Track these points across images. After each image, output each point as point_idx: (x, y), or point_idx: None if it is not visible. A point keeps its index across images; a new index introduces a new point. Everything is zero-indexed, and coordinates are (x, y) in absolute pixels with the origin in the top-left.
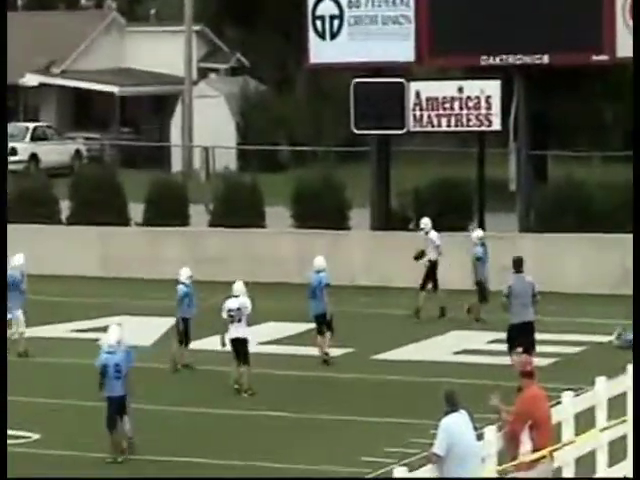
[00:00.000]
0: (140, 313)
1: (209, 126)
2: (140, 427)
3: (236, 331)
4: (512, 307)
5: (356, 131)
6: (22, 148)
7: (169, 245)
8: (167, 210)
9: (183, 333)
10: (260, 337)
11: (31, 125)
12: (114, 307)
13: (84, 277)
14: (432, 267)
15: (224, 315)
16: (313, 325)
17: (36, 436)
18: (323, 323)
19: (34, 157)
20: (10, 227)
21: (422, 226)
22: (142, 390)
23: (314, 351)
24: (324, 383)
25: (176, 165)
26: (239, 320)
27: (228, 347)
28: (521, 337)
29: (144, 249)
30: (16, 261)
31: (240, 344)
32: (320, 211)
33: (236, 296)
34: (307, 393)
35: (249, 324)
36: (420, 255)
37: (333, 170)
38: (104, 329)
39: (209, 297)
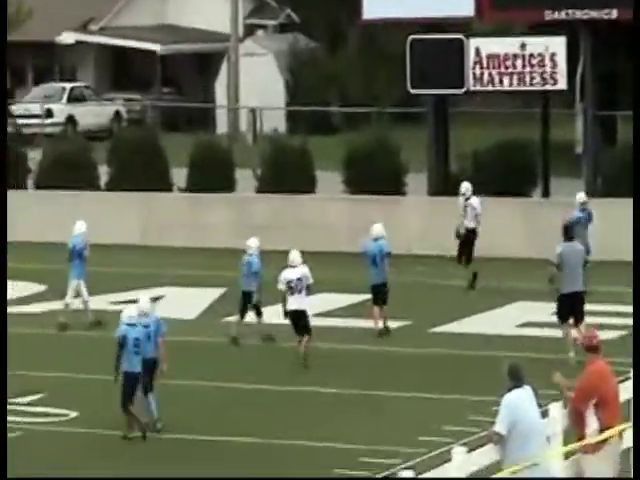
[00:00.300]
0: (183, 284)
1: (256, 86)
2: (180, 402)
3: (296, 302)
4: (562, 276)
5: (412, 91)
6: (58, 110)
7: (214, 212)
8: (212, 175)
9: (251, 306)
10: (311, 309)
11: (68, 85)
12: (156, 277)
13: (124, 246)
14: (468, 236)
15: (282, 287)
16: (365, 296)
17: (73, 414)
18: (380, 294)
19: (71, 119)
20: (45, 193)
21: (463, 191)
22: (184, 364)
23: (368, 323)
24: (378, 357)
25: (221, 127)
26: (300, 291)
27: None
28: (571, 307)
29: (187, 216)
30: (78, 228)
31: (299, 316)
32: (374, 176)
33: (294, 266)
34: (360, 368)
35: (309, 295)
36: (458, 235)
37: (388, 132)
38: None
39: None
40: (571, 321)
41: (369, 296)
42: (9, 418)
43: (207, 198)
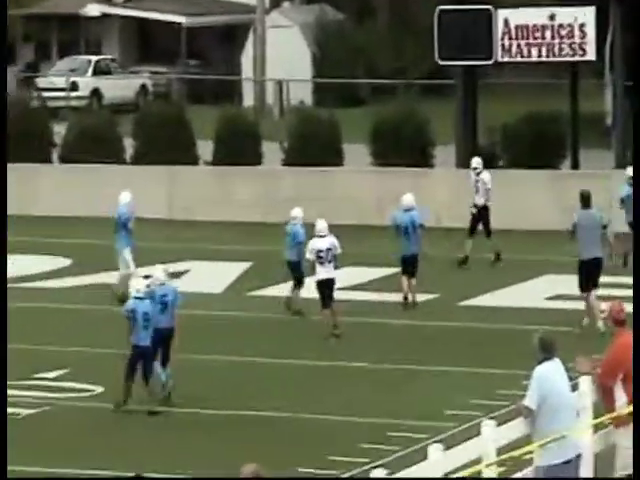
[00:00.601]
0: (210, 258)
1: (282, 58)
2: (205, 377)
3: (326, 272)
4: (581, 243)
5: (440, 62)
6: (84, 83)
7: (240, 185)
8: (238, 148)
9: (299, 277)
10: (338, 282)
11: (93, 58)
12: (182, 251)
13: (150, 220)
14: (480, 213)
15: (310, 256)
16: (394, 270)
17: (99, 389)
18: (410, 265)
19: (96, 92)
20: (71, 167)
21: (474, 165)
22: (209, 338)
23: (397, 297)
24: (406, 331)
25: (247, 100)
26: (329, 261)
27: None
28: (588, 274)
29: (214, 189)
30: (123, 199)
31: (328, 286)
32: (402, 148)
33: (322, 236)
34: (388, 342)
35: (337, 266)
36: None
37: (416, 104)
38: (172, 275)
39: (282, 240)
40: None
41: (398, 269)
42: (35, 393)
43: (233, 171)
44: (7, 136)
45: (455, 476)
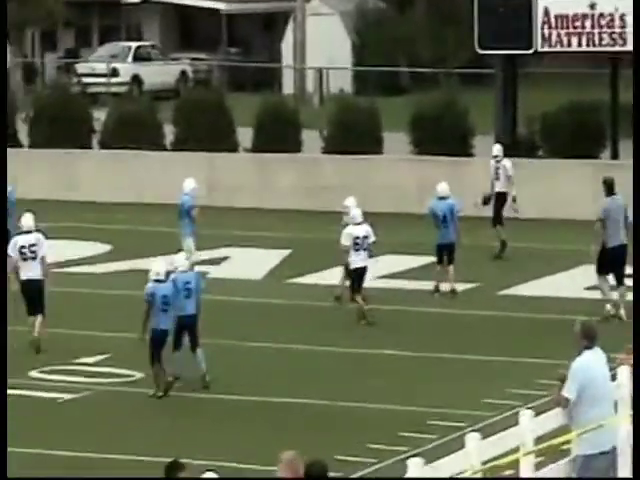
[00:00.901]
0: (249, 245)
1: (323, 46)
2: (241, 363)
3: (361, 260)
4: (607, 230)
5: (480, 51)
6: (124, 69)
7: (280, 172)
8: (278, 135)
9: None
10: (377, 271)
11: (133, 44)
12: (221, 238)
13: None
14: (498, 200)
15: (347, 242)
16: (434, 258)
17: (138, 374)
18: (448, 254)
19: (136, 79)
20: (110, 153)
21: (495, 153)
22: (247, 325)
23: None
24: (446, 320)
25: (287, 88)
26: (365, 249)
27: None
28: (613, 261)
29: (253, 177)
30: (187, 186)
31: (361, 274)
32: (441, 137)
33: (358, 223)
34: (427, 331)
35: (372, 255)
36: (487, 200)
37: (455, 93)
38: (212, 261)
39: (322, 228)
40: (612, 281)
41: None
42: (75, 378)
43: (273, 159)
44: (46, 121)
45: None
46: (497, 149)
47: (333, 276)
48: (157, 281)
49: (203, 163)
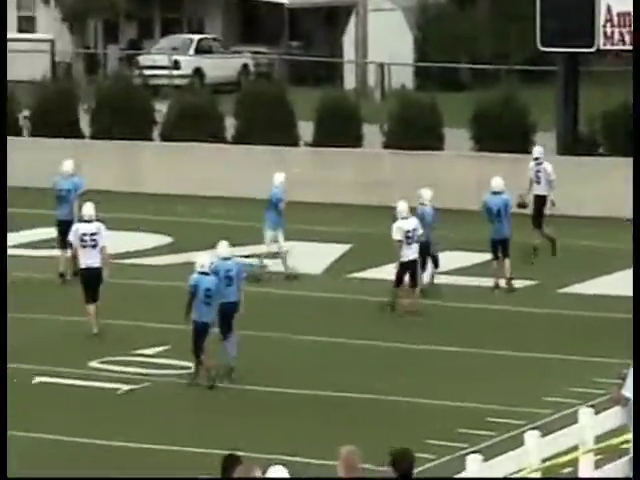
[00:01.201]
0: (310, 239)
1: (384, 41)
2: (297, 357)
3: (413, 253)
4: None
5: (542, 48)
6: (185, 61)
7: (340, 167)
8: (339, 130)
9: (429, 257)
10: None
11: (195, 37)
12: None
13: (250, 199)
14: (539, 202)
15: (399, 237)
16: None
17: None
18: (503, 249)
19: (198, 71)
20: (171, 144)
21: (536, 155)
22: (305, 319)
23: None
24: (506, 317)
25: (349, 82)
26: (416, 241)
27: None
28: None
29: (314, 171)
30: (277, 180)
31: (412, 267)
32: (502, 134)
33: (405, 217)
34: (486, 327)
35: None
36: (523, 204)
37: (517, 90)
38: (271, 255)
39: (381, 222)
40: None
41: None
42: (134, 369)
43: (334, 153)
44: (107, 112)
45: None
46: (538, 151)
47: (393, 271)
48: (202, 273)
49: (264, 156)
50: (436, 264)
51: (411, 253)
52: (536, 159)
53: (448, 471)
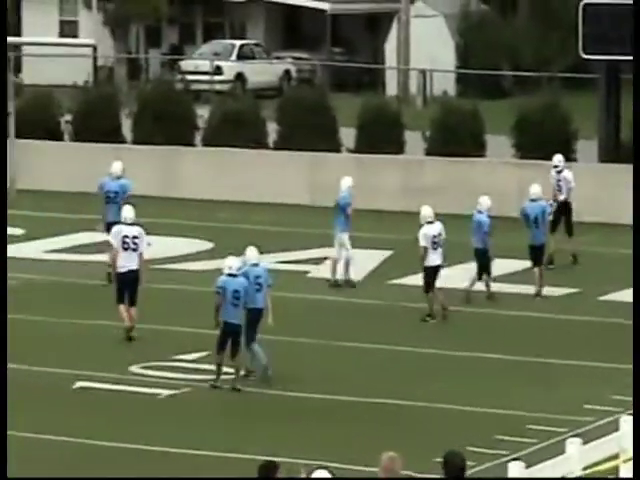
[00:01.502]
0: (351, 245)
1: (426, 48)
2: (339, 362)
3: (439, 258)
4: None
5: (584, 56)
6: (227, 67)
7: (382, 173)
8: (381, 136)
9: (483, 265)
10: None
11: (237, 43)
12: (323, 238)
13: (292, 205)
14: (560, 208)
15: (425, 243)
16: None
17: (241, 372)
18: (542, 255)
19: (240, 77)
20: (213, 150)
21: (555, 163)
22: (345, 326)
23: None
24: (546, 324)
25: (391, 89)
26: (441, 246)
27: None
28: None
29: (355, 177)
30: (344, 184)
31: (437, 272)
32: (544, 141)
33: (431, 222)
34: (528, 334)
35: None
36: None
37: (559, 97)
38: (312, 261)
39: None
40: None
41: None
42: (175, 375)
43: (375, 159)
44: (149, 117)
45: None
46: (558, 159)
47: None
48: (230, 275)
49: (306, 162)
50: (486, 271)
51: (437, 258)
52: (555, 167)
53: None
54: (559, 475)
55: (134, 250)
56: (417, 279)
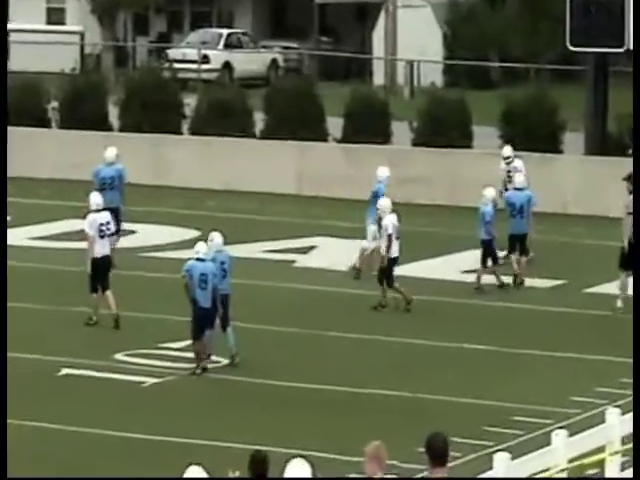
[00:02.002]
0: (337, 235)
1: (413, 38)
2: (326, 355)
3: (396, 250)
4: None
5: (572, 48)
6: (215, 56)
7: (369, 163)
8: (368, 126)
9: (489, 255)
10: (462, 265)
11: (225, 31)
12: (310, 227)
13: (279, 194)
14: None
15: (390, 231)
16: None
17: (225, 361)
18: (519, 245)
19: (227, 65)
20: (200, 139)
21: (506, 154)
22: (332, 316)
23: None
24: (533, 316)
25: (378, 79)
26: (397, 238)
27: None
28: None
29: (342, 167)
30: (381, 174)
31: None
32: (531, 132)
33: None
34: (511, 326)
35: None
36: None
37: (546, 89)
38: (299, 250)
39: (410, 220)
40: None
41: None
42: (160, 363)
43: (362, 149)
44: (136, 105)
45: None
46: (508, 150)
47: (419, 269)
48: (197, 259)
49: (293, 152)
50: (493, 260)
51: (395, 250)
52: (506, 158)
53: (474, 469)
54: (544, 467)
55: (109, 236)
56: (404, 270)
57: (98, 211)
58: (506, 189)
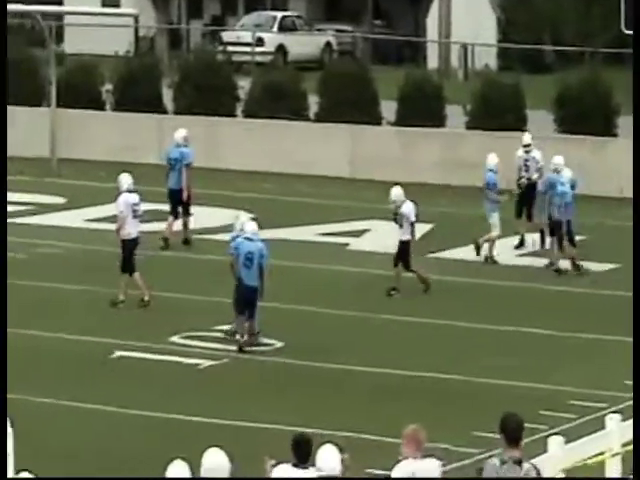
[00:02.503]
0: (390, 218)
1: (468, 21)
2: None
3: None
4: None
5: (626, 31)
6: (269, 38)
7: (423, 146)
8: (421, 110)
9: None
10: (522, 248)
11: (279, 14)
12: (363, 211)
13: (332, 177)
14: (527, 190)
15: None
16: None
17: (279, 344)
18: (567, 230)
19: (281, 48)
20: (254, 121)
21: (526, 142)
22: (382, 298)
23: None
24: (587, 299)
25: (432, 62)
26: (401, 225)
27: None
28: None
29: (396, 150)
30: (491, 162)
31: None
32: (585, 116)
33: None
34: (568, 310)
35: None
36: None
37: (600, 72)
38: (352, 233)
39: (463, 203)
40: None
41: (580, 237)
42: (216, 345)
43: (416, 133)
44: (190, 88)
45: None
46: (528, 138)
47: (472, 252)
48: (246, 238)
49: (346, 135)
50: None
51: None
52: (525, 146)
53: (529, 453)
54: (598, 451)
55: (141, 217)
56: (456, 253)
57: (130, 192)
58: (521, 177)
